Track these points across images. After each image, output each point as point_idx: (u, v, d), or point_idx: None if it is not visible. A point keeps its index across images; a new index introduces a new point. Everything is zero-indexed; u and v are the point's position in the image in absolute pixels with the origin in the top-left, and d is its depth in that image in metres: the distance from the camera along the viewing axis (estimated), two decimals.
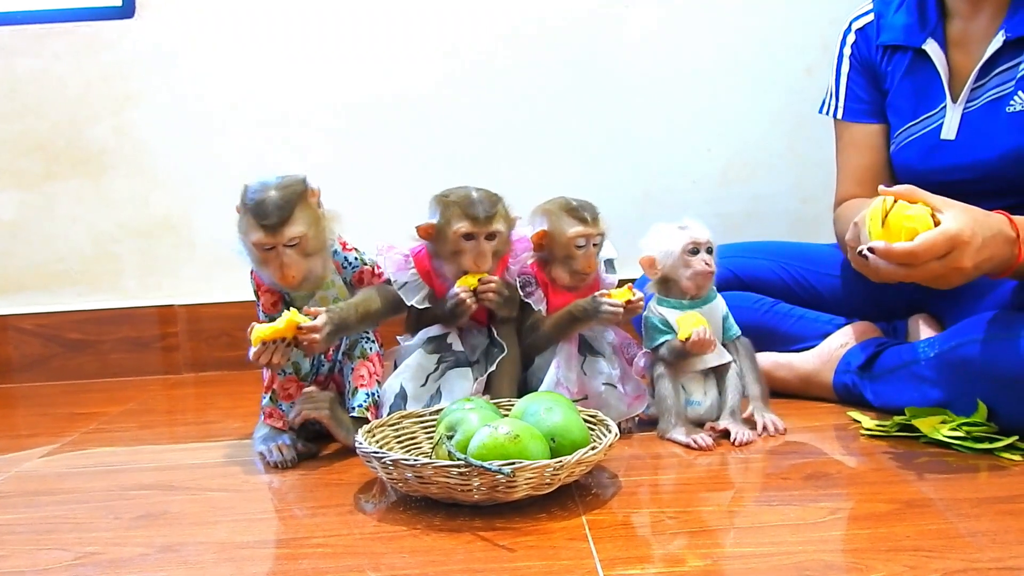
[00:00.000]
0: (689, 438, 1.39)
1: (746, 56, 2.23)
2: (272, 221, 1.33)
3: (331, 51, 2.20)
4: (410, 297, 1.48)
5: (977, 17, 1.51)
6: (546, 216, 1.51)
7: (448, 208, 1.45)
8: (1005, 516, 1.05)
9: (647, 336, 1.48)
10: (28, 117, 2.19)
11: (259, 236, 1.34)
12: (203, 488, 1.30)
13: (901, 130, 1.60)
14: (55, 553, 1.07)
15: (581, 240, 1.47)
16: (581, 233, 1.47)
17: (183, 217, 2.22)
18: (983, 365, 1.33)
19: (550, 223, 1.49)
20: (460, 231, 1.44)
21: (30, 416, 1.89)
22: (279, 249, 1.35)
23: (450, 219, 1.45)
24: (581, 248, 1.48)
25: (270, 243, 1.34)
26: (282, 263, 1.35)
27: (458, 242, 1.45)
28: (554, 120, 2.23)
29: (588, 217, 1.48)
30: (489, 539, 1.04)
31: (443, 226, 1.45)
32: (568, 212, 1.49)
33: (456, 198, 1.46)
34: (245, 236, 1.36)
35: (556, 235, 1.48)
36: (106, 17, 2.16)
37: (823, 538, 1.01)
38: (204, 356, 2.23)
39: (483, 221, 1.44)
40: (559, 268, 1.51)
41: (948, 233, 1.16)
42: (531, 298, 1.50)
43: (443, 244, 1.46)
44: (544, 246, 1.50)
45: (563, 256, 1.49)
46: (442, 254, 1.48)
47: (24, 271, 2.22)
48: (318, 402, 1.38)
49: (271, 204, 1.33)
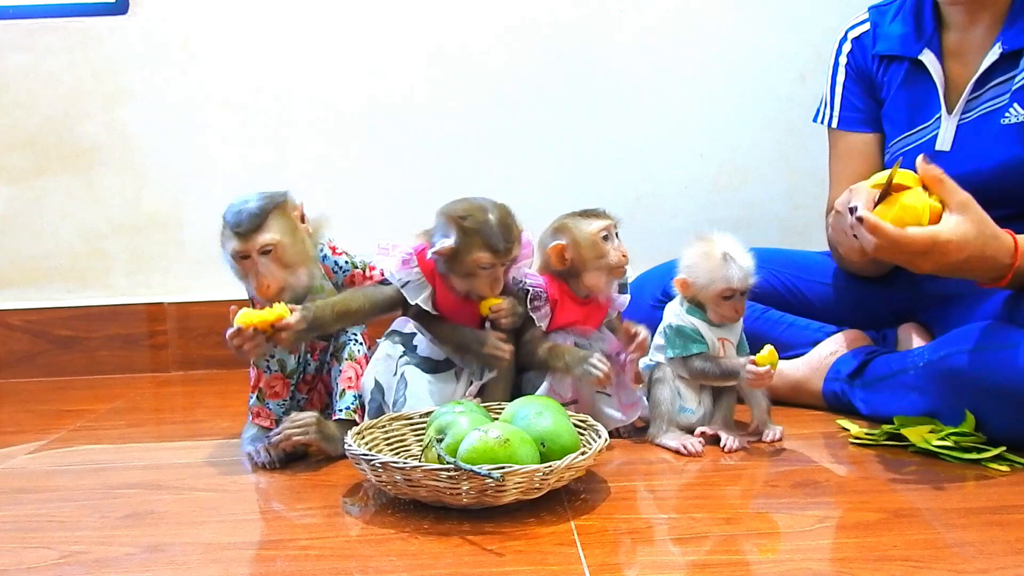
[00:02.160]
0: (679, 444, 1.39)
1: (739, 62, 2.23)
2: (244, 228, 1.34)
3: (324, 50, 2.19)
4: (413, 296, 1.46)
5: (974, 28, 1.51)
6: (560, 230, 1.47)
7: (468, 236, 1.41)
8: (992, 527, 1.06)
9: (674, 343, 1.45)
10: (18, 112, 2.17)
11: (233, 245, 1.35)
12: (190, 488, 1.30)
13: (896, 140, 1.60)
14: (40, 552, 1.07)
15: (605, 232, 1.44)
16: (604, 227, 1.44)
17: (173, 214, 2.21)
18: (972, 375, 1.34)
19: (568, 233, 1.45)
20: (481, 261, 1.41)
21: (16, 413, 1.88)
22: (254, 258, 1.35)
23: (471, 248, 1.41)
24: (608, 240, 1.45)
25: (244, 251, 1.35)
26: (258, 272, 1.35)
27: (475, 270, 1.42)
28: (546, 124, 2.23)
29: (602, 211, 1.47)
30: (477, 543, 1.04)
31: (462, 253, 1.41)
32: (581, 215, 1.47)
33: (474, 224, 1.40)
34: (223, 249, 1.37)
35: (579, 239, 1.44)
36: (99, 13, 2.15)
37: (811, 546, 1.02)
38: (193, 354, 2.22)
39: (504, 253, 1.42)
40: (590, 275, 1.45)
41: (936, 239, 1.19)
42: (536, 313, 1.46)
43: (458, 266, 1.43)
44: (566, 259, 1.45)
45: (593, 258, 1.44)
46: (454, 272, 1.44)
47: (13, 267, 2.21)
48: (304, 425, 1.36)
49: (245, 213, 1.34)
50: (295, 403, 1.48)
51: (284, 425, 1.36)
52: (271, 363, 1.44)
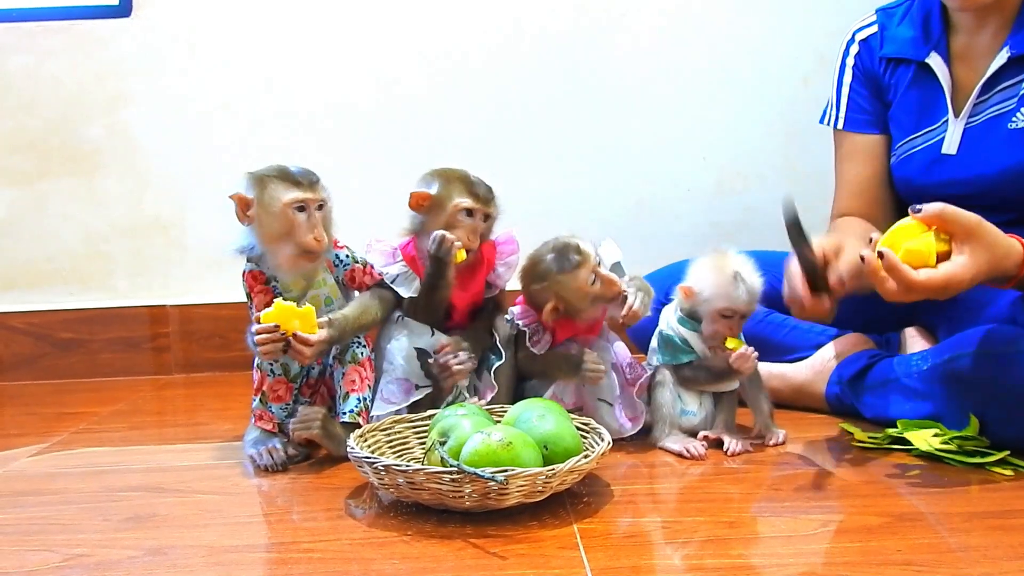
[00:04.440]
0: (682, 447, 1.39)
1: (741, 66, 2.23)
2: (307, 180, 1.38)
3: (326, 53, 2.19)
4: (405, 290, 1.48)
5: (982, 32, 1.51)
6: (544, 290, 1.43)
7: (450, 183, 1.47)
8: (996, 531, 1.05)
9: (663, 352, 1.46)
10: (21, 115, 2.18)
11: (295, 194, 1.36)
12: (192, 491, 1.30)
13: (902, 143, 1.60)
14: (43, 555, 1.06)
15: (591, 277, 1.42)
16: (587, 272, 1.41)
17: (175, 217, 2.22)
18: (976, 379, 1.34)
19: (553, 291, 1.42)
20: (462, 206, 1.45)
21: (19, 415, 1.88)
22: (310, 211, 1.37)
23: (452, 193, 1.46)
24: (595, 282, 1.42)
25: (304, 200, 1.36)
26: (313, 224, 1.37)
27: (455, 216, 1.46)
28: (547, 127, 2.23)
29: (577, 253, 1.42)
30: (480, 546, 1.04)
31: (442, 198, 1.46)
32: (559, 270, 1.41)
33: (458, 175, 1.49)
34: (272, 201, 1.36)
35: (567, 294, 1.42)
36: (102, 16, 2.16)
37: (814, 550, 1.01)
38: (195, 357, 2.22)
39: (483, 200, 1.47)
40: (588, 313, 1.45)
41: (950, 280, 1.16)
42: (536, 346, 1.46)
43: (437, 216, 1.46)
44: (560, 310, 1.43)
45: (588, 303, 1.43)
46: (432, 226, 1.46)
47: (15, 269, 2.21)
48: (309, 421, 1.37)
49: (300, 168, 1.39)
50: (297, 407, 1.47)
51: (292, 423, 1.38)
52: (275, 366, 1.44)
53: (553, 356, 1.47)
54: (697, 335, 1.45)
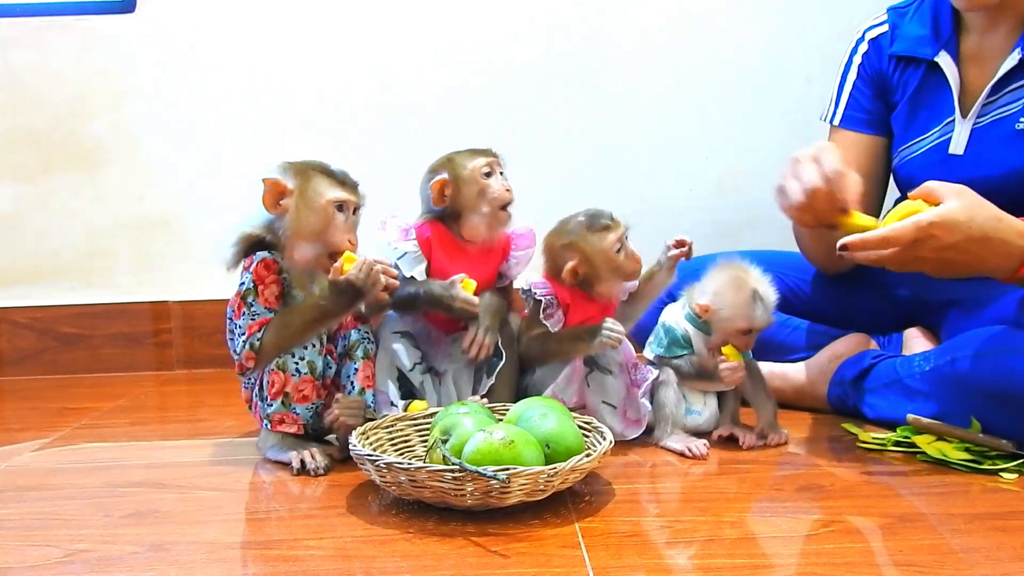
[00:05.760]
0: (684, 446, 1.39)
1: (745, 65, 2.23)
2: (350, 181, 1.40)
3: (331, 50, 2.19)
4: (409, 269, 1.48)
5: (993, 33, 1.49)
6: (569, 246, 1.45)
7: (453, 160, 1.51)
8: (998, 532, 1.05)
9: (661, 342, 1.47)
10: (25, 110, 2.18)
11: (339, 192, 1.37)
12: (194, 487, 1.30)
13: (909, 144, 1.59)
14: (45, 550, 1.07)
15: (618, 244, 1.44)
16: (616, 239, 1.44)
17: (179, 213, 2.21)
18: (978, 380, 1.33)
19: (579, 248, 1.44)
20: (478, 167, 1.49)
21: (21, 410, 1.88)
22: (348, 212, 1.37)
23: (463, 163, 1.50)
24: (620, 251, 1.44)
25: (346, 200, 1.37)
26: (350, 226, 1.38)
27: (478, 180, 1.48)
28: (550, 126, 2.22)
29: (610, 219, 1.46)
30: (482, 545, 1.04)
31: (458, 173, 1.49)
32: (589, 228, 1.45)
33: (452, 153, 1.53)
34: (316, 195, 1.36)
35: (591, 255, 1.44)
36: (106, 11, 2.16)
37: (816, 551, 1.01)
38: (197, 353, 2.22)
39: (491, 154, 1.52)
40: (606, 285, 1.46)
41: (918, 224, 1.18)
42: (550, 320, 1.45)
43: (465, 191, 1.49)
44: (579, 274, 1.45)
45: (609, 270, 1.45)
46: (465, 205, 1.49)
47: (18, 264, 2.21)
48: (355, 409, 1.36)
49: (339, 169, 1.41)
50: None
51: (335, 407, 1.36)
52: (300, 365, 1.37)
53: (567, 330, 1.46)
54: (702, 336, 1.45)
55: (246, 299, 1.37)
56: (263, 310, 1.36)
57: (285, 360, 1.36)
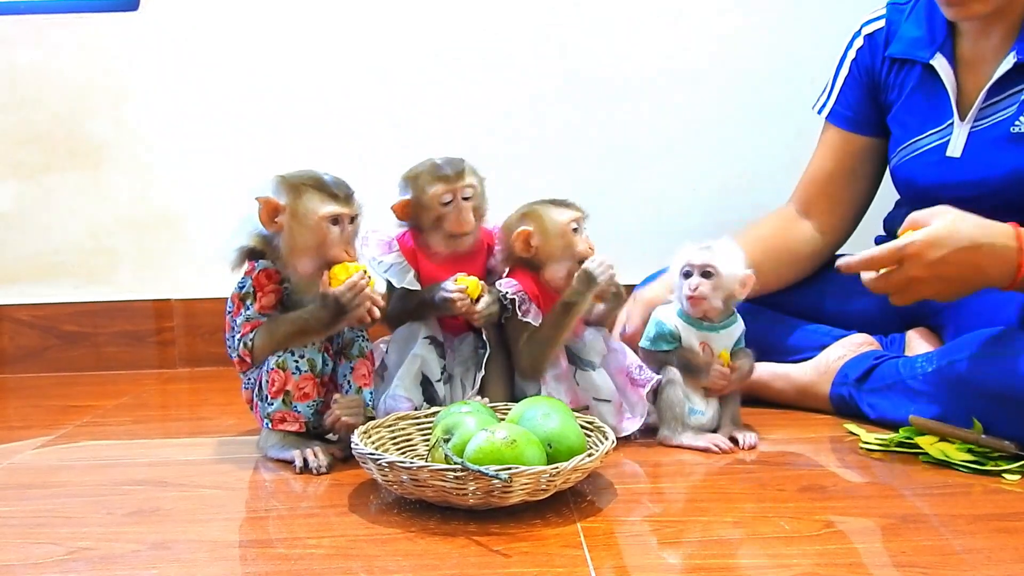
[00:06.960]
0: (707, 442, 1.39)
1: (749, 63, 2.22)
2: (343, 192, 1.36)
3: (334, 49, 2.19)
4: (398, 280, 1.48)
5: (987, 37, 1.49)
6: (527, 215, 1.47)
7: (418, 179, 1.49)
8: (1000, 534, 1.05)
9: (649, 334, 1.48)
10: (27, 108, 2.18)
11: (331, 207, 1.34)
12: (196, 485, 1.30)
13: (906, 144, 1.59)
14: (47, 547, 1.07)
15: (575, 224, 1.46)
16: (574, 218, 1.46)
17: (181, 211, 2.21)
18: (980, 382, 1.33)
19: (535, 217, 1.46)
20: (437, 194, 1.46)
21: (23, 408, 1.88)
22: (344, 224, 1.36)
23: (424, 187, 1.47)
24: (577, 232, 1.46)
25: (340, 214, 1.35)
26: (346, 238, 1.37)
27: (437, 208, 1.47)
28: (552, 125, 2.22)
29: (578, 207, 1.48)
30: (484, 544, 1.04)
31: (419, 197, 1.48)
32: (551, 202, 1.48)
33: (422, 168, 1.50)
34: (307, 213, 1.34)
35: (548, 225, 1.45)
36: (109, 9, 2.16)
37: (818, 551, 1.01)
38: (199, 351, 2.22)
39: (454, 178, 1.47)
40: (555, 267, 1.47)
41: (898, 244, 1.23)
42: (527, 316, 1.45)
43: (424, 215, 1.48)
44: (532, 247, 1.46)
45: (562, 246, 1.46)
46: (425, 226, 1.49)
47: (21, 262, 2.21)
48: (354, 408, 1.36)
49: (333, 178, 1.37)
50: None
51: (335, 407, 1.36)
52: (300, 363, 1.36)
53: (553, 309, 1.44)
54: (692, 330, 1.45)
55: (244, 300, 1.40)
56: (257, 315, 1.38)
57: (285, 358, 1.36)
